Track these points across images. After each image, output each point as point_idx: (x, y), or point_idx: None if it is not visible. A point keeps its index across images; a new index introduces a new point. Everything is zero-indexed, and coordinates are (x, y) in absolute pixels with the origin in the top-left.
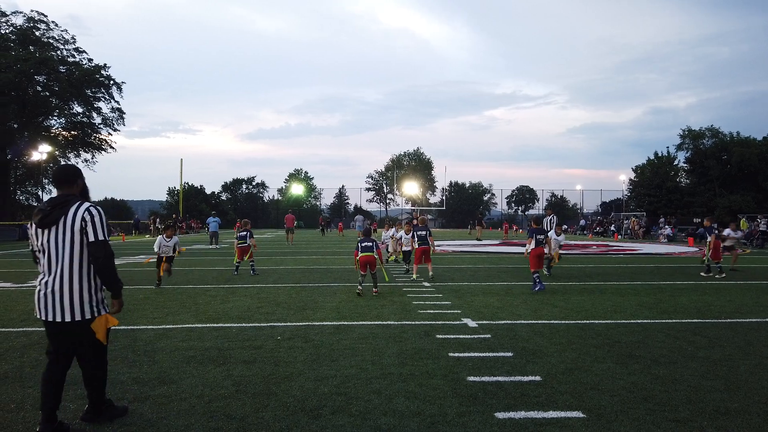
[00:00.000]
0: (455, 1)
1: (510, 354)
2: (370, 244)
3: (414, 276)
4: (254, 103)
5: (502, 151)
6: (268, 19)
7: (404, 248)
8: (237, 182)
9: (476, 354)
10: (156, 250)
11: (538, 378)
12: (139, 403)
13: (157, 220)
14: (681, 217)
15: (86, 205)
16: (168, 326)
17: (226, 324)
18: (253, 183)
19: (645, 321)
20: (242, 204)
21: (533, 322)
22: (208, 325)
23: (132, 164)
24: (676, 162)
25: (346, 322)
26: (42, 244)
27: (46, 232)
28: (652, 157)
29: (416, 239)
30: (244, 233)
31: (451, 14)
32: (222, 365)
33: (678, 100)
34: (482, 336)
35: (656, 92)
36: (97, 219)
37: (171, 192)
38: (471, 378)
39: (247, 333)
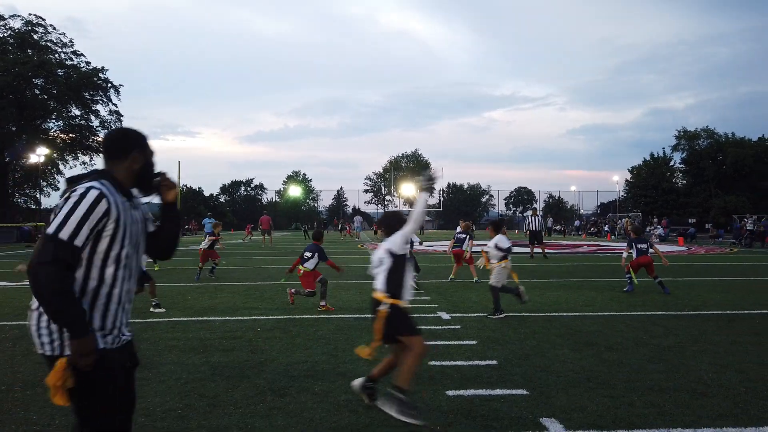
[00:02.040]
0: (454, 3)
1: (474, 342)
2: (310, 254)
3: (451, 276)
4: (254, 106)
5: (502, 152)
6: (267, 21)
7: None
8: (235, 184)
9: (442, 342)
10: None
11: (494, 362)
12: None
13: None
14: (676, 217)
15: (85, 185)
16: (154, 320)
17: (211, 317)
18: (252, 185)
19: (610, 313)
20: (240, 206)
21: (507, 314)
22: (193, 318)
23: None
24: (672, 163)
25: (324, 316)
26: None
27: None
28: (648, 158)
29: (454, 241)
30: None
31: (450, 16)
32: (201, 353)
33: (677, 101)
34: (452, 327)
35: (656, 93)
36: (69, 203)
37: None
38: (432, 362)
39: (230, 325)
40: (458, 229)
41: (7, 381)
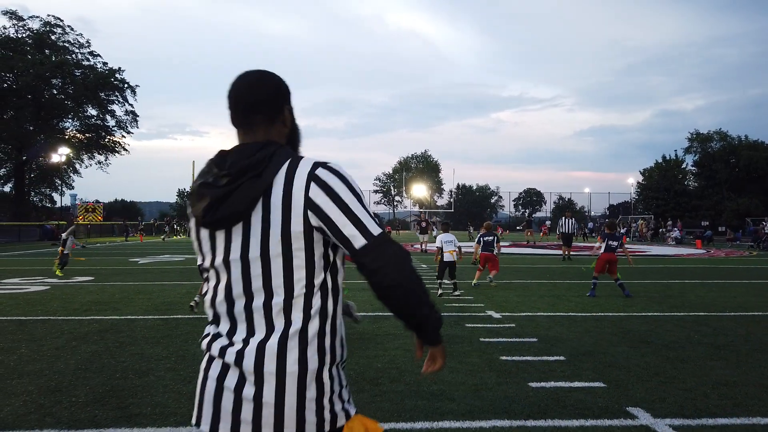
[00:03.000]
0: (462, 4)
1: (534, 339)
2: None
3: (474, 281)
4: None
5: (510, 153)
6: (275, 21)
7: (445, 257)
8: None
9: (504, 339)
10: None
11: (562, 358)
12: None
13: (174, 221)
14: (689, 220)
15: (309, 162)
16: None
17: None
18: None
19: (654, 314)
20: None
21: (552, 314)
22: None
23: (139, 166)
24: (684, 165)
25: (381, 314)
26: (215, 261)
27: (221, 237)
28: (659, 160)
29: (481, 245)
30: None
31: (457, 16)
32: None
33: (686, 102)
34: (507, 325)
35: (665, 95)
36: (350, 190)
37: (181, 194)
38: (503, 357)
39: None
40: (482, 231)
41: (119, 367)
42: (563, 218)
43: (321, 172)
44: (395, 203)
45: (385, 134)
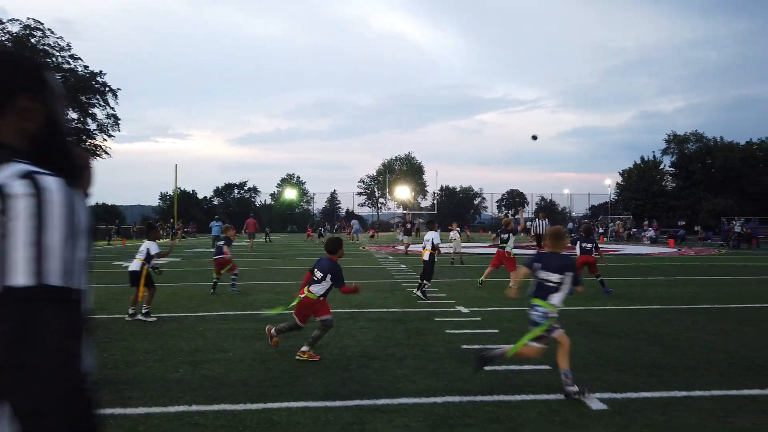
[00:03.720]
0: (446, 6)
1: (496, 330)
2: (321, 274)
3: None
4: (245, 108)
5: (494, 155)
6: (259, 23)
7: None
8: (229, 187)
9: (468, 331)
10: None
11: None
12: (207, 364)
13: (158, 224)
14: (666, 219)
15: (14, 170)
16: (204, 313)
17: (255, 312)
18: (245, 188)
19: (612, 307)
20: (234, 209)
21: (517, 308)
22: (238, 312)
23: (121, 169)
24: (661, 166)
25: (357, 310)
26: None
27: None
28: (638, 161)
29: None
30: (221, 243)
31: (441, 18)
32: (262, 340)
33: (666, 104)
34: (473, 319)
35: (645, 96)
36: (38, 216)
37: (164, 197)
38: (465, 346)
39: (274, 319)
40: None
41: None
42: (537, 219)
43: (14, 184)
44: (379, 205)
45: (370, 136)
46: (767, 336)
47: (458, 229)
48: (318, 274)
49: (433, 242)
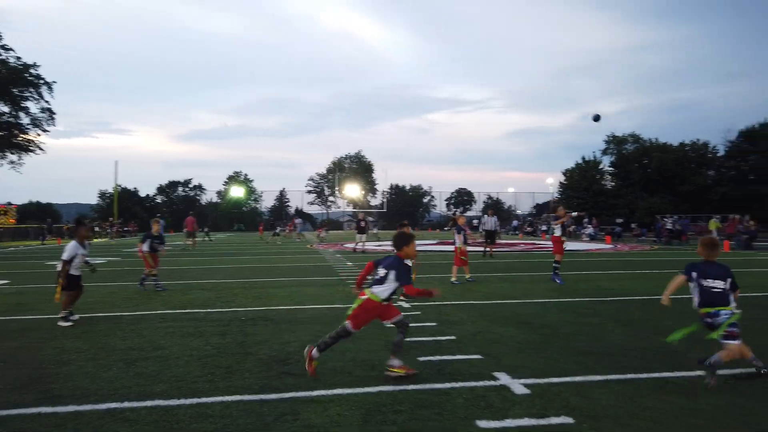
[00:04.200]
0: (396, 5)
1: (435, 324)
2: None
3: (463, 276)
4: (190, 103)
5: (443, 154)
6: (204, 17)
7: None
8: (173, 184)
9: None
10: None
11: (453, 337)
12: (142, 362)
13: (94, 223)
14: (606, 217)
15: None
16: (142, 312)
17: (193, 310)
18: (190, 185)
19: (547, 300)
20: (179, 207)
21: (457, 302)
22: (177, 311)
23: (57, 166)
24: (601, 166)
25: (298, 307)
26: None
27: None
28: (580, 161)
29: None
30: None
31: (391, 18)
32: (200, 337)
33: (609, 106)
34: (414, 313)
35: (589, 98)
36: None
37: (103, 195)
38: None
39: (214, 316)
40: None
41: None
42: (485, 216)
43: None
44: (329, 204)
45: (320, 134)
46: (682, 324)
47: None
48: (381, 271)
49: None
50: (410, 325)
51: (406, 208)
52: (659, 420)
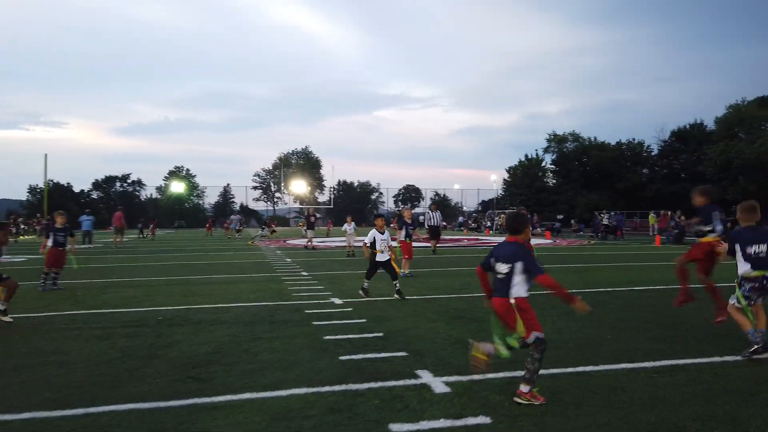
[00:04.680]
0: (344, 1)
1: (364, 320)
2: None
3: (406, 271)
4: (129, 95)
5: (391, 150)
6: (144, 4)
7: (381, 256)
8: (110, 180)
9: (336, 322)
10: None
11: (380, 334)
12: (39, 367)
13: (20, 219)
14: (548, 213)
15: None
16: (52, 313)
17: (108, 310)
18: (129, 180)
19: (479, 294)
20: (116, 203)
21: (390, 298)
22: (90, 311)
23: None
24: (543, 164)
25: (224, 305)
26: None
27: None
28: (523, 159)
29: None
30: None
31: (339, 13)
32: (107, 340)
33: (550, 106)
34: (345, 309)
35: (531, 98)
36: None
37: (33, 190)
38: (327, 337)
39: (129, 317)
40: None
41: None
42: (429, 212)
43: None
44: (275, 199)
45: (266, 129)
46: (607, 318)
47: (353, 223)
48: (503, 268)
49: (388, 241)
50: (338, 322)
51: (354, 204)
52: (575, 416)
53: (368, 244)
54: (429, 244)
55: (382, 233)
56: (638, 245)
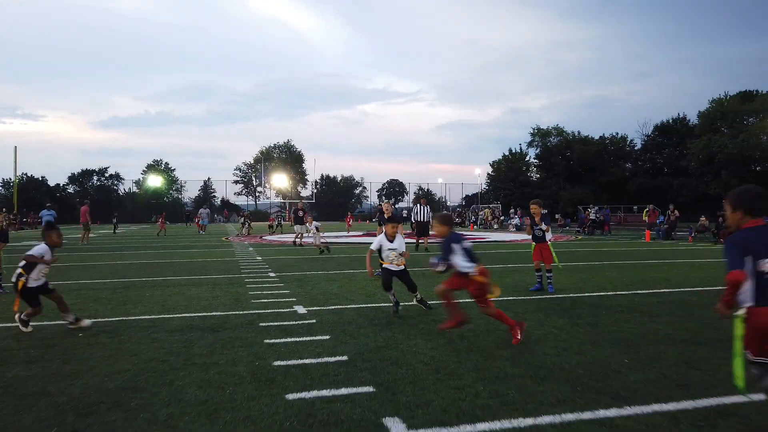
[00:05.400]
0: None
1: (327, 337)
2: None
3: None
4: (109, 88)
5: (375, 145)
6: None
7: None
8: (86, 173)
9: (293, 339)
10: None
11: (344, 358)
12: None
13: None
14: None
15: None
16: None
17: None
18: (106, 174)
19: (464, 300)
20: (93, 197)
21: (363, 305)
22: (4, 324)
23: None
24: (527, 158)
25: (165, 315)
26: None
27: None
28: (507, 153)
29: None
30: None
31: (323, 6)
32: (1, 366)
33: (532, 101)
34: (307, 321)
35: (514, 93)
36: None
37: (6, 184)
38: (277, 362)
39: (45, 331)
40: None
41: None
42: (418, 206)
43: None
44: (257, 194)
45: (249, 123)
46: (619, 332)
47: (317, 222)
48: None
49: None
50: (295, 340)
51: (337, 198)
52: None
53: (374, 251)
54: (413, 240)
55: (392, 241)
56: (627, 240)
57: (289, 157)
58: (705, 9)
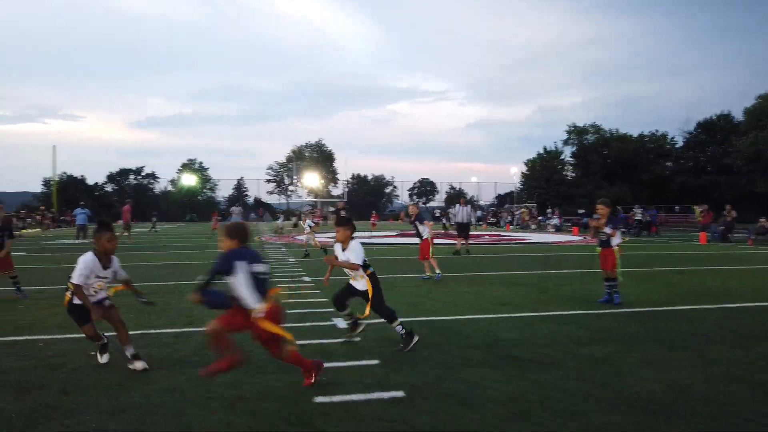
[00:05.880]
0: None
1: (376, 362)
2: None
3: (428, 273)
4: (145, 89)
5: (403, 144)
6: (161, 1)
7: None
8: (124, 172)
9: (335, 364)
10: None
11: (400, 393)
12: None
13: (23, 212)
14: (567, 208)
15: None
16: None
17: (36, 336)
18: (142, 173)
19: (528, 314)
20: (130, 195)
21: (410, 319)
22: (9, 338)
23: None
24: (562, 156)
25: (189, 329)
26: None
27: None
28: (542, 152)
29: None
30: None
31: (352, 6)
32: None
33: (564, 98)
34: (351, 340)
35: (544, 91)
36: None
37: (47, 182)
38: (318, 399)
39: (58, 347)
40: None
41: None
42: (457, 206)
43: None
44: (289, 193)
45: (279, 122)
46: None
47: (310, 221)
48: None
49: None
50: (342, 365)
51: (368, 197)
52: None
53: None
54: (455, 242)
55: (344, 249)
56: (679, 243)
57: (320, 156)
58: (746, 4)
